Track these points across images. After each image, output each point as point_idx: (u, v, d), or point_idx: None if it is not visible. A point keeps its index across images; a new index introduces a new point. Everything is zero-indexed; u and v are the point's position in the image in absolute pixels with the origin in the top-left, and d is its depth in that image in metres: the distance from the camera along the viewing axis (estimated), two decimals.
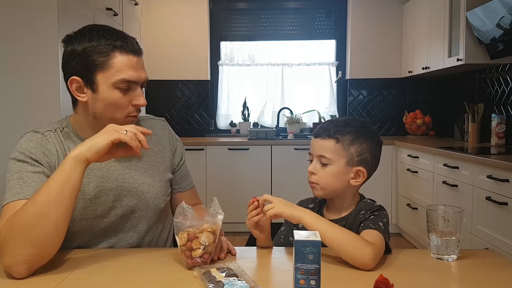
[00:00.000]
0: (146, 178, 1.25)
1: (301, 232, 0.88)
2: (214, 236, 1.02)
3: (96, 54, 1.10)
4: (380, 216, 1.14)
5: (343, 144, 1.16)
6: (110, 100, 1.12)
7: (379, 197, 3.85)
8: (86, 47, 1.10)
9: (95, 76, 1.11)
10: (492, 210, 2.36)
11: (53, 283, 0.94)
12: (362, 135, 1.17)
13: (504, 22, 2.68)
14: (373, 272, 0.99)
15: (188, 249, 1.01)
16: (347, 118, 1.23)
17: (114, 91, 1.11)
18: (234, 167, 3.86)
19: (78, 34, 1.13)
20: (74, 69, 1.12)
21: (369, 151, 1.18)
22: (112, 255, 1.09)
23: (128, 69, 1.11)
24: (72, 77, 1.13)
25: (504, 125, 3.14)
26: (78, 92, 1.14)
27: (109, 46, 1.10)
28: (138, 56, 1.14)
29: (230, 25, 4.58)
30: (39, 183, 1.07)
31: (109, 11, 2.96)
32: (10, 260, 0.95)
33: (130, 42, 1.13)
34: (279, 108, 4.47)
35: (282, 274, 0.98)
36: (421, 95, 4.42)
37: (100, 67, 1.10)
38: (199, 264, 1.00)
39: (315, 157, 1.19)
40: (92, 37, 1.11)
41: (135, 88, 1.14)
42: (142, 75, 1.14)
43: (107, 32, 1.12)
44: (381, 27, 4.36)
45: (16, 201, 1.05)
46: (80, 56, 1.11)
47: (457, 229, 1.07)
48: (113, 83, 1.10)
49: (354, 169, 1.17)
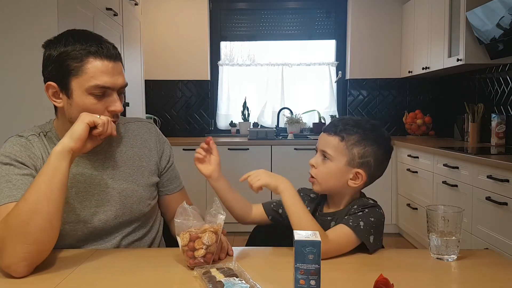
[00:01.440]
0: (129, 184, 1.24)
1: (301, 232, 0.88)
2: (216, 236, 1.02)
3: (70, 60, 1.09)
4: (369, 213, 1.12)
5: (347, 143, 1.14)
6: (84, 106, 1.10)
7: (379, 197, 3.85)
8: (62, 52, 1.09)
9: (70, 82, 1.10)
10: (492, 210, 2.36)
11: (53, 283, 0.94)
12: (369, 138, 1.16)
13: (504, 22, 2.68)
14: (373, 272, 0.99)
15: (190, 249, 1.00)
16: (359, 119, 1.21)
17: (88, 97, 1.10)
18: (234, 167, 3.86)
19: (56, 39, 1.13)
20: (50, 74, 1.12)
21: (373, 155, 1.15)
22: (112, 255, 1.09)
23: (102, 74, 1.09)
24: (48, 82, 1.13)
25: (504, 125, 3.14)
26: (54, 97, 1.14)
27: (84, 51, 1.08)
28: (115, 61, 1.12)
29: (230, 25, 4.58)
30: (28, 185, 1.05)
31: (109, 11, 2.96)
32: (9, 260, 0.95)
33: (105, 47, 1.11)
34: (279, 108, 4.47)
35: (282, 274, 0.98)
36: (421, 95, 4.42)
37: (74, 72, 1.09)
38: (201, 264, 1.00)
39: (319, 151, 1.19)
40: (68, 42, 1.10)
41: (111, 94, 1.12)
42: (118, 81, 1.12)
43: (84, 37, 1.11)
44: (381, 27, 4.36)
45: (7, 203, 1.04)
46: (55, 61, 1.10)
47: (457, 229, 1.07)
48: (86, 88, 1.09)
49: (354, 170, 1.15)
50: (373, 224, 1.10)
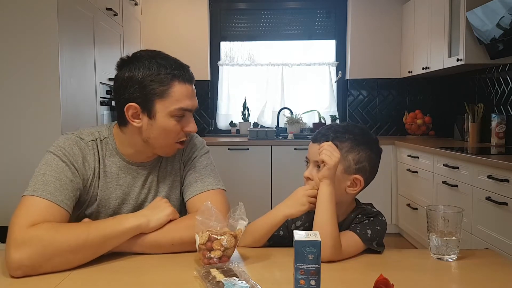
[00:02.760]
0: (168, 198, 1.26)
1: (301, 232, 0.88)
2: (235, 241, 1.03)
3: (155, 83, 1.11)
4: (374, 222, 1.14)
5: (341, 151, 1.12)
6: (166, 127, 1.14)
7: (379, 197, 3.89)
8: (146, 75, 1.11)
9: (154, 104, 1.12)
10: (492, 210, 2.36)
11: (53, 283, 0.94)
12: (361, 143, 1.15)
13: (504, 22, 2.68)
14: (373, 272, 0.99)
15: (207, 249, 1.01)
16: (346, 124, 1.21)
17: (170, 119, 1.14)
18: (234, 167, 3.86)
19: (135, 60, 1.14)
20: (132, 96, 1.13)
21: (367, 159, 1.15)
22: (112, 255, 1.08)
23: (185, 98, 1.14)
24: (130, 104, 1.13)
25: (504, 125, 3.14)
26: (133, 117, 1.15)
27: (169, 75, 1.12)
28: (193, 84, 1.17)
29: (230, 25, 4.58)
30: (70, 194, 1.10)
31: (109, 11, 2.96)
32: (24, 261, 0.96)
33: (186, 71, 1.16)
34: (279, 108, 4.47)
35: (282, 274, 0.98)
36: (421, 95, 4.42)
37: (159, 95, 1.12)
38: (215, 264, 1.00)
39: (312, 162, 1.17)
40: (151, 65, 1.12)
41: (188, 115, 1.17)
42: (195, 103, 1.18)
43: (166, 61, 1.14)
44: (381, 27, 4.36)
45: (47, 200, 1.06)
46: (139, 83, 1.12)
47: (457, 229, 1.07)
48: (170, 111, 1.13)
49: (351, 177, 1.14)
50: (379, 232, 1.12)
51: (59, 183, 1.09)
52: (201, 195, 1.22)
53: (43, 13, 2.21)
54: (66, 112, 2.30)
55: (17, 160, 2.24)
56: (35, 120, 2.24)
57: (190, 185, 1.25)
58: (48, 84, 2.23)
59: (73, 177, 1.13)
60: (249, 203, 1.43)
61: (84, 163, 1.17)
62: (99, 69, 2.79)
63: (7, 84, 2.23)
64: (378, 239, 1.12)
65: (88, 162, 1.18)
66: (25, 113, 2.24)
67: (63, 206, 1.08)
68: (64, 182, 1.10)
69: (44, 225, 1.01)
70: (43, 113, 2.24)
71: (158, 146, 1.18)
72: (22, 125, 2.24)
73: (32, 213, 1.03)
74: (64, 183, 1.10)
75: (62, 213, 1.08)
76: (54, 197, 1.06)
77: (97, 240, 1.02)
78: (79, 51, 2.53)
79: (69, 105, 2.34)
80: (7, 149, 2.24)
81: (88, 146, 1.19)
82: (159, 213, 1.11)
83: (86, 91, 2.61)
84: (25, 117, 2.24)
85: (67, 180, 1.11)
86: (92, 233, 1.02)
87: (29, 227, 0.99)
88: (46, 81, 2.23)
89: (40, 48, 2.22)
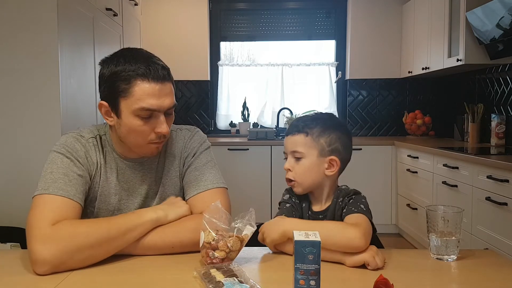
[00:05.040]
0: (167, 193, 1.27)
1: (301, 232, 0.88)
2: (241, 245, 1.03)
3: (119, 81, 1.10)
4: (359, 198, 1.19)
5: (312, 136, 1.20)
6: (132, 127, 1.13)
7: (379, 197, 3.89)
8: (113, 73, 1.11)
9: (119, 103, 1.12)
10: (492, 210, 2.36)
11: (53, 283, 0.94)
12: (329, 126, 1.22)
13: (504, 22, 2.68)
14: (373, 272, 0.99)
15: (211, 248, 1.01)
16: (314, 114, 1.28)
17: (135, 119, 1.12)
18: (234, 168, 3.86)
19: (110, 58, 1.15)
20: (103, 93, 1.15)
21: (339, 140, 1.22)
22: (112, 255, 1.08)
23: (148, 97, 1.10)
24: (101, 102, 1.15)
25: (504, 126, 3.15)
26: (106, 115, 1.17)
27: (132, 73, 1.10)
28: (162, 82, 1.12)
29: (230, 25, 4.58)
30: (80, 188, 1.12)
31: (109, 11, 2.96)
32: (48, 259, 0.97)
33: (153, 68, 1.11)
34: (279, 108, 4.47)
35: (282, 274, 0.98)
36: (421, 95, 4.43)
37: (123, 94, 1.11)
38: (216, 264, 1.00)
39: (289, 154, 1.24)
40: (119, 63, 1.11)
41: (158, 115, 1.13)
42: (164, 103, 1.12)
43: (134, 58, 1.12)
44: (381, 27, 4.37)
45: (59, 196, 1.07)
46: (107, 81, 1.13)
47: (457, 229, 1.07)
48: (133, 110, 1.11)
49: (327, 159, 1.20)
50: (365, 206, 1.16)
51: (68, 179, 1.10)
52: (201, 195, 1.21)
53: (43, 13, 2.21)
54: (66, 112, 2.30)
55: (17, 160, 2.24)
56: (35, 120, 2.24)
57: (191, 184, 1.24)
58: (48, 84, 2.23)
59: (80, 172, 1.14)
60: (249, 204, 1.44)
61: (87, 158, 1.18)
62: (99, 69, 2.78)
63: (7, 84, 2.22)
64: (370, 212, 1.15)
65: (91, 157, 1.19)
66: (25, 113, 2.24)
67: (76, 200, 1.09)
68: (73, 177, 1.12)
69: (65, 223, 1.02)
70: (43, 113, 2.24)
71: (132, 146, 1.18)
72: (22, 125, 2.24)
73: (49, 210, 1.04)
74: (73, 178, 1.11)
75: (76, 207, 1.09)
76: (66, 192, 1.08)
77: (118, 234, 1.04)
78: (79, 51, 2.53)
79: (69, 105, 2.33)
80: (7, 149, 2.24)
81: (89, 142, 1.20)
82: (176, 209, 1.15)
83: (86, 91, 2.60)
84: (25, 117, 2.24)
85: (75, 175, 1.12)
86: (113, 228, 1.04)
87: (50, 225, 1.01)
88: (46, 81, 2.22)
89: (40, 48, 2.22)
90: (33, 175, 2.21)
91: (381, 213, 3.89)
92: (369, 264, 1.01)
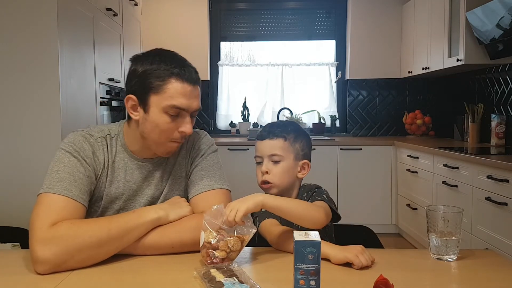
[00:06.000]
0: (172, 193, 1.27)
1: (301, 232, 0.88)
2: (241, 245, 1.03)
3: (153, 77, 1.14)
4: (320, 191, 1.29)
5: (289, 141, 1.30)
6: (158, 123, 1.15)
7: (379, 197, 3.89)
8: (147, 69, 1.14)
9: (149, 98, 1.14)
10: (492, 211, 2.36)
11: (53, 283, 0.94)
12: (300, 132, 1.34)
13: (504, 22, 2.68)
14: (373, 272, 0.99)
15: (212, 248, 1.01)
16: (281, 120, 1.47)
17: (163, 115, 1.14)
18: (234, 168, 3.86)
19: (143, 56, 1.18)
20: (133, 88, 1.17)
21: (307, 146, 1.34)
22: (112, 255, 1.08)
23: (180, 96, 1.14)
24: (129, 95, 1.18)
25: (504, 125, 3.15)
26: (132, 109, 1.19)
27: (167, 71, 1.14)
28: (194, 85, 1.17)
29: (230, 25, 4.58)
30: (85, 188, 1.13)
31: (109, 11, 2.96)
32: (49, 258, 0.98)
33: (188, 70, 1.16)
34: (279, 108, 4.47)
35: (282, 274, 0.98)
36: (421, 95, 4.43)
37: (155, 90, 1.13)
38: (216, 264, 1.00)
39: (265, 157, 1.30)
40: (154, 61, 1.15)
41: (184, 115, 1.17)
42: (193, 104, 1.17)
43: (169, 58, 1.17)
44: (381, 27, 4.37)
45: (64, 196, 1.07)
46: (139, 77, 1.15)
47: (457, 229, 1.07)
48: (163, 107, 1.14)
49: (300, 162, 1.32)
50: (327, 196, 1.26)
51: (73, 178, 1.11)
52: (205, 194, 1.22)
53: (43, 13, 2.21)
54: (66, 112, 2.30)
55: (17, 160, 2.24)
56: (35, 120, 2.24)
57: (196, 183, 1.25)
58: (48, 84, 2.23)
59: (85, 172, 1.14)
60: None
61: (94, 158, 1.18)
62: (99, 69, 2.78)
63: (7, 84, 2.22)
64: (333, 204, 1.24)
65: (98, 157, 1.19)
66: (25, 113, 2.24)
67: (79, 201, 1.10)
68: (78, 177, 1.12)
69: (65, 223, 1.03)
70: (43, 113, 2.24)
71: (152, 143, 1.19)
72: (22, 125, 2.24)
73: (51, 210, 1.05)
74: (78, 178, 1.12)
75: (79, 207, 1.10)
76: (70, 193, 1.08)
77: (119, 234, 1.05)
78: (79, 51, 2.53)
79: (69, 105, 2.33)
80: (7, 149, 2.24)
81: (97, 142, 1.20)
82: (178, 209, 1.15)
83: (86, 91, 2.61)
84: (25, 117, 2.24)
85: (81, 175, 1.13)
86: (114, 228, 1.05)
87: (51, 226, 1.02)
88: (46, 81, 2.23)
89: (40, 48, 2.22)
90: (33, 175, 2.21)
91: (381, 213, 3.89)
92: (353, 262, 1.02)
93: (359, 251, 1.03)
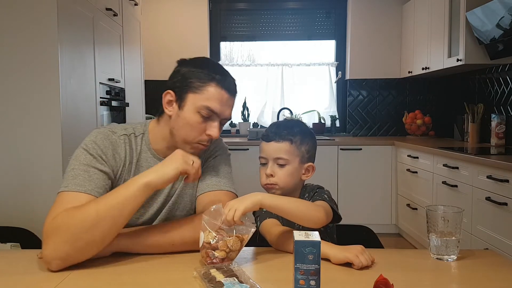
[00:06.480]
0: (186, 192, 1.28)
1: (301, 232, 0.88)
2: (241, 245, 1.03)
3: (195, 78, 1.18)
4: (322, 191, 1.28)
5: (296, 144, 1.27)
6: (189, 121, 1.17)
7: (379, 197, 3.89)
8: (190, 70, 1.19)
9: (186, 95, 1.18)
10: (492, 211, 2.36)
11: (53, 283, 0.94)
12: (307, 134, 1.31)
13: (504, 22, 2.69)
14: (373, 272, 0.99)
15: (211, 248, 1.01)
16: (288, 120, 1.35)
17: (196, 115, 1.17)
18: (234, 168, 3.83)
19: (190, 60, 1.24)
20: (173, 84, 1.21)
21: (313, 147, 1.32)
22: (112, 255, 1.08)
23: (216, 100, 1.17)
24: (168, 91, 1.21)
25: (504, 126, 3.15)
26: (168, 105, 1.21)
27: (209, 76, 1.17)
28: (231, 95, 1.20)
29: (230, 25, 4.58)
30: (101, 183, 1.13)
31: (109, 11, 2.96)
32: (50, 253, 0.99)
33: (228, 80, 1.20)
34: (279, 108, 4.47)
35: (282, 274, 0.98)
36: (421, 95, 4.43)
37: (194, 89, 1.17)
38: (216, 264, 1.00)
39: (271, 160, 1.28)
40: (199, 64, 1.20)
41: (215, 119, 1.19)
42: (226, 112, 1.20)
43: (213, 65, 1.22)
44: (381, 27, 4.37)
45: (77, 192, 1.08)
46: (182, 75, 1.20)
47: (457, 229, 1.07)
48: (198, 106, 1.16)
49: (306, 165, 1.30)
50: (329, 197, 1.25)
51: (88, 175, 1.12)
52: (213, 193, 1.24)
53: (43, 13, 2.21)
54: (66, 112, 2.30)
55: (17, 160, 2.24)
56: (35, 120, 2.24)
57: (204, 181, 1.27)
58: (48, 84, 2.23)
59: (102, 167, 1.15)
60: None
61: (114, 155, 1.19)
62: (99, 70, 2.78)
63: (7, 84, 2.22)
64: (335, 204, 1.23)
65: (119, 154, 1.20)
66: (25, 113, 2.24)
67: (94, 194, 1.09)
68: (93, 172, 1.13)
69: (62, 213, 1.03)
70: (43, 113, 2.24)
71: (180, 140, 1.20)
72: (22, 125, 2.24)
73: (59, 207, 1.05)
74: (93, 173, 1.12)
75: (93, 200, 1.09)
76: (83, 188, 1.09)
77: (109, 212, 1.03)
78: (79, 52, 2.53)
79: (69, 106, 2.33)
80: (7, 149, 2.24)
81: (120, 139, 1.22)
82: (167, 169, 1.09)
83: (86, 91, 2.60)
84: (25, 117, 2.24)
85: (96, 171, 1.13)
86: (101, 207, 1.03)
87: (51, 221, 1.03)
88: (46, 81, 2.22)
89: (40, 48, 2.22)
90: (33, 175, 2.21)
91: (381, 213, 3.89)
92: (353, 262, 1.02)
93: (359, 251, 1.03)
